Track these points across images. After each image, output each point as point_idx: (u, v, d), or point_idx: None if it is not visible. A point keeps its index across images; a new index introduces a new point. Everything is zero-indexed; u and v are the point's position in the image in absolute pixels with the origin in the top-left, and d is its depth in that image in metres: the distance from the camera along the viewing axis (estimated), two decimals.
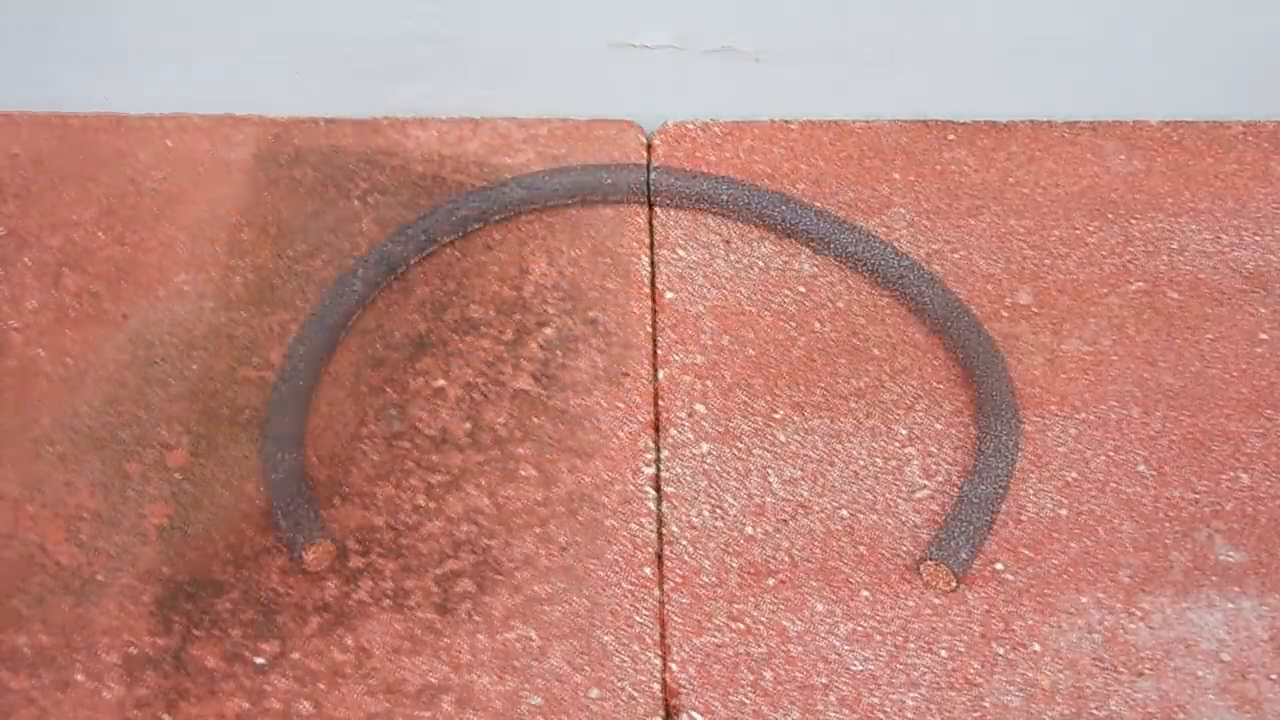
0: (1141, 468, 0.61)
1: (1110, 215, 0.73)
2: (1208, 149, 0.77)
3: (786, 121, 0.78)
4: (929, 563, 0.55)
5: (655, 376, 0.64)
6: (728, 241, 0.70)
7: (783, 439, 0.61)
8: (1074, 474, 0.60)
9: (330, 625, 0.53)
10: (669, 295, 0.68)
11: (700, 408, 0.62)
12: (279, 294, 0.66)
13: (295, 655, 0.52)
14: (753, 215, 0.70)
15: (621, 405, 0.62)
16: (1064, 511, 0.59)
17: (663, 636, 0.54)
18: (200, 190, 0.72)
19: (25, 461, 0.59)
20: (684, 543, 0.57)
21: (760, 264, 0.69)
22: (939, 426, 0.62)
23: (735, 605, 0.55)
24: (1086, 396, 0.64)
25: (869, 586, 0.56)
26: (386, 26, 0.73)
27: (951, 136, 0.77)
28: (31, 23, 0.72)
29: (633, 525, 0.58)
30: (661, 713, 0.52)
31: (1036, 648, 0.54)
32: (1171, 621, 0.55)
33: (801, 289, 0.68)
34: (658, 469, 0.60)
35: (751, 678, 0.53)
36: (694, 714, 0.51)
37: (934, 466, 0.60)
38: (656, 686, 0.52)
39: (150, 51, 0.74)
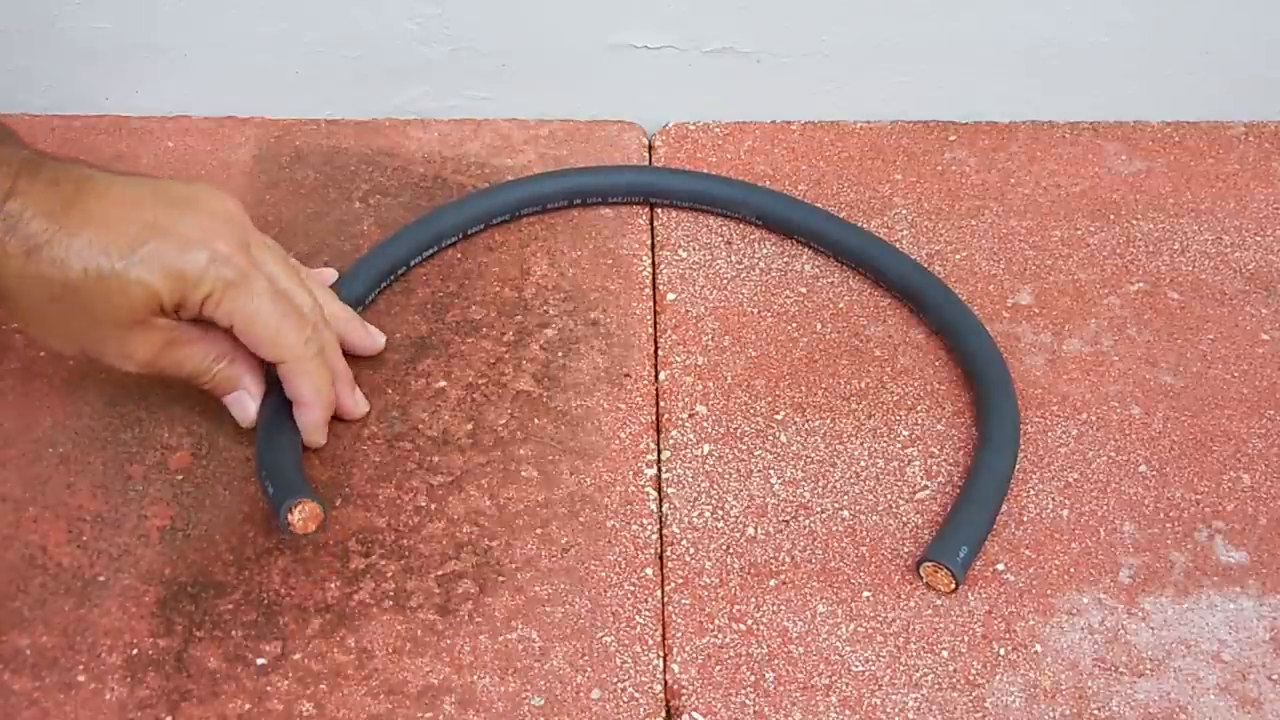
0: (1143, 468, 0.61)
1: (1111, 216, 0.73)
2: (1209, 149, 0.77)
3: (788, 122, 0.78)
4: (928, 564, 0.55)
5: (656, 377, 0.64)
6: (729, 242, 0.70)
7: (784, 440, 0.61)
8: (1075, 474, 0.60)
9: (332, 626, 0.53)
10: (670, 296, 0.68)
11: (701, 409, 0.62)
12: None
13: (297, 656, 0.52)
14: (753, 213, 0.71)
15: (623, 406, 0.62)
16: (1065, 512, 0.59)
17: (664, 637, 0.54)
18: None
19: (27, 463, 0.59)
20: (685, 544, 0.57)
21: (761, 265, 0.69)
22: (940, 427, 0.62)
23: (737, 606, 0.55)
24: (1087, 397, 0.64)
25: (870, 587, 0.56)
26: (387, 27, 0.73)
27: (952, 137, 0.77)
28: (32, 24, 0.72)
29: (634, 526, 0.58)
30: (663, 713, 0.52)
31: (1038, 648, 0.54)
32: (1172, 622, 0.55)
33: (803, 290, 0.68)
34: (659, 470, 0.60)
35: (753, 678, 0.53)
36: (695, 715, 0.51)
37: (935, 467, 0.60)
38: (658, 687, 0.52)
39: (151, 53, 0.74)
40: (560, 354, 0.64)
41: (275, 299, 0.54)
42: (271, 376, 0.58)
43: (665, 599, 0.55)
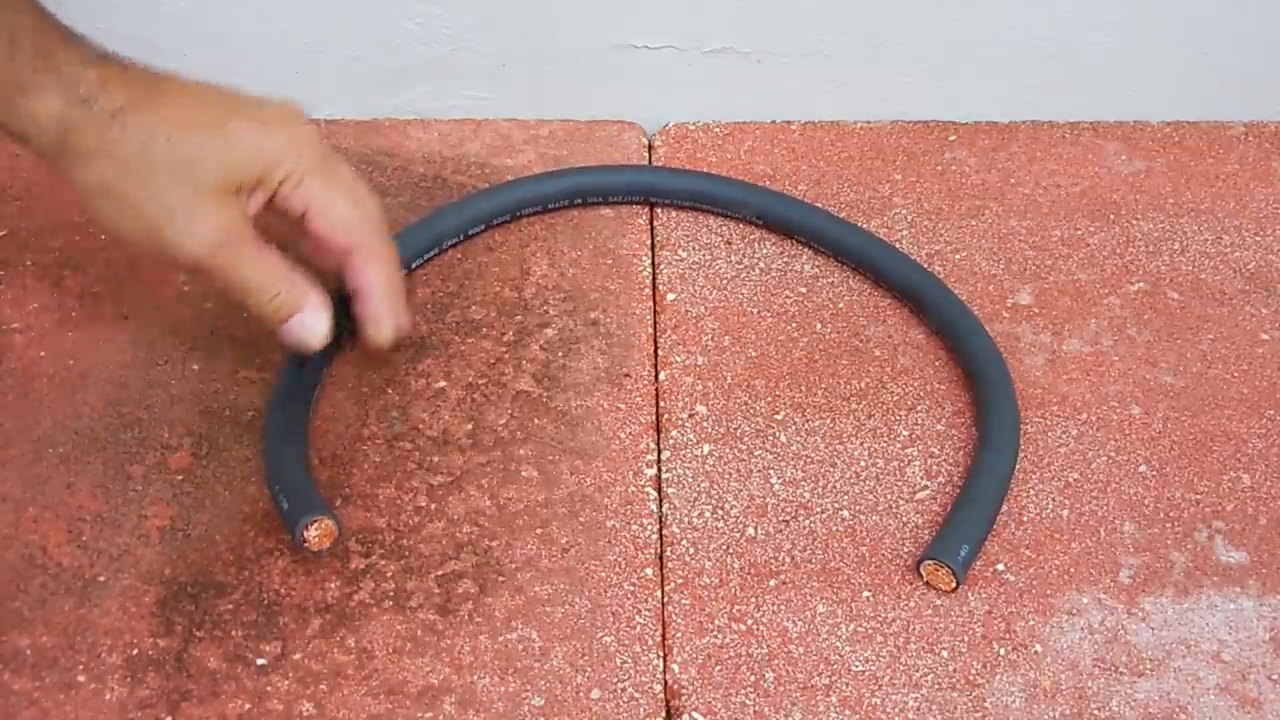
0: (1142, 468, 0.61)
1: (1111, 215, 0.73)
2: (1209, 149, 0.77)
3: (788, 122, 0.78)
4: (929, 563, 0.55)
5: (656, 377, 0.64)
6: (729, 242, 0.71)
7: (784, 440, 0.61)
8: (1075, 474, 0.60)
9: (332, 626, 0.53)
10: (670, 296, 0.68)
11: (701, 409, 0.63)
12: None
13: (297, 656, 0.52)
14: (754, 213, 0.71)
15: (623, 406, 0.62)
16: (1065, 512, 0.59)
17: (664, 637, 0.54)
18: None
19: (27, 463, 0.59)
20: (685, 544, 0.57)
21: (761, 265, 0.69)
22: (940, 427, 0.62)
23: (737, 606, 0.55)
24: (1087, 397, 0.64)
25: (870, 587, 0.56)
26: (387, 27, 0.73)
27: (952, 137, 0.77)
28: None
29: (634, 526, 0.58)
30: (663, 713, 0.52)
31: (1038, 648, 0.54)
32: (1172, 622, 0.55)
33: (803, 290, 0.68)
34: (659, 470, 0.60)
35: (753, 678, 0.53)
36: (695, 715, 0.51)
37: (935, 467, 0.60)
38: (658, 687, 0.52)
39: (150, 53, 0.73)
40: (560, 354, 0.64)
41: (354, 183, 0.55)
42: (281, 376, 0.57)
43: (665, 599, 0.55)
